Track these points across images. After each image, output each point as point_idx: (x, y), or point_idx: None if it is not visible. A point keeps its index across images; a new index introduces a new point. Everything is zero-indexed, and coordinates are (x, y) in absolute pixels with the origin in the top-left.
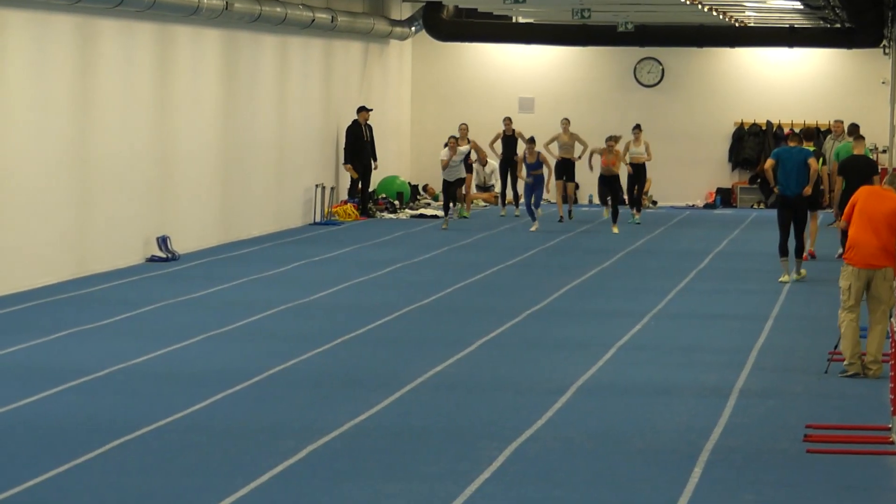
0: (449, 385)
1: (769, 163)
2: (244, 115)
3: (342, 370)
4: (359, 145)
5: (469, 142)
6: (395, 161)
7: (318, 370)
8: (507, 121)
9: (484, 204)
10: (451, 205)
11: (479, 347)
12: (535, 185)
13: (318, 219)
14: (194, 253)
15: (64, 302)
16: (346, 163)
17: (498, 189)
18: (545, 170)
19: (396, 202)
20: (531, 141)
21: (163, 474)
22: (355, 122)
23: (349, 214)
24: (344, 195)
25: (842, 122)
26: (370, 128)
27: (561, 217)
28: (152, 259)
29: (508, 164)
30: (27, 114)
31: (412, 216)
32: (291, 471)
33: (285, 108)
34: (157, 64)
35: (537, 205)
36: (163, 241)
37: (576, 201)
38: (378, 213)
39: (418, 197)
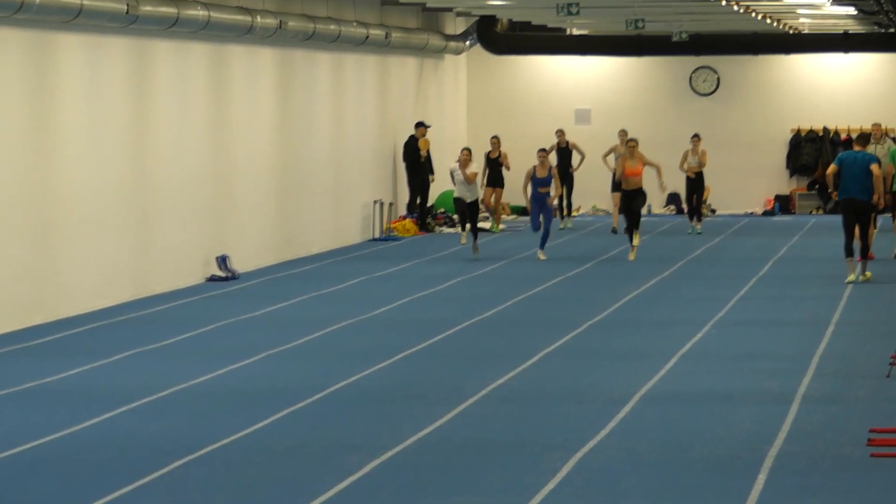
0: (512, 397)
1: (832, 168)
2: (300, 132)
3: (404, 385)
4: (415, 160)
5: (500, 153)
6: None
7: (380, 386)
8: (560, 133)
9: None
10: (470, 228)
11: (541, 359)
12: (543, 205)
13: (376, 235)
14: (254, 272)
15: (124, 324)
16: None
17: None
18: (553, 189)
19: (455, 217)
20: (543, 151)
21: (226, 494)
22: (412, 137)
23: (408, 230)
24: (402, 211)
25: (880, 125)
26: (428, 144)
27: (614, 229)
28: (212, 279)
29: (564, 176)
30: (83, 137)
31: (491, 229)
32: (355, 487)
33: (341, 124)
34: (212, 84)
35: (546, 231)
36: (222, 261)
37: None
38: (437, 227)
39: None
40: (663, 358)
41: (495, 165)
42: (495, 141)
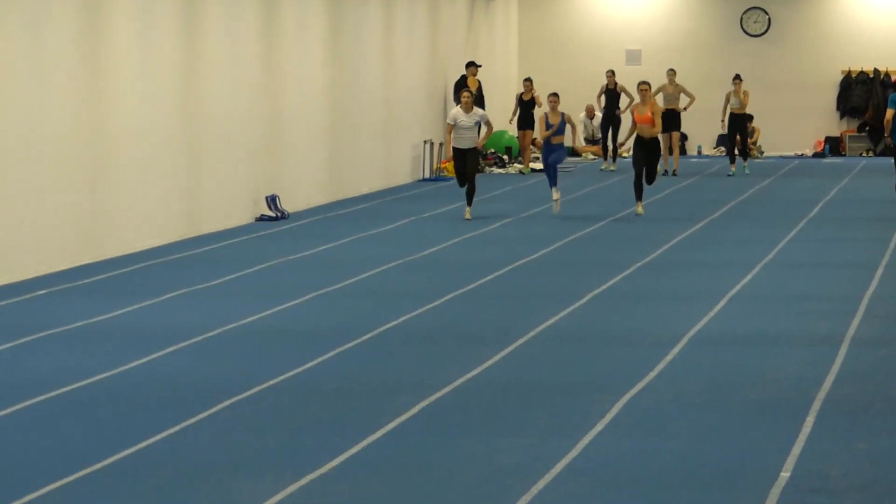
0: (560, 339)
1: (890, 112)
2: (351, 72)
3: (453, 326)
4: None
5: (533, 96)
6: (503, 116)
7: (428, 326)
8: (611, 74)
9: (593, 157)
10: (470, 196)
11: (590, 300)
12: (557, 151)
13: (426, 175)
14: (304, 212)
15: (174, 263)
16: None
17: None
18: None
19: (505, 157)
20: (554, 95)
21: (275, 433)
22: (462, 76)
23: None
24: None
25: None
26: (479, 83)
27: (666, 171)
28: (262, 218)
29: (611, 119)
30: (134, 78)
31: (521, 171)
32: (404, 427)
33: (392, 64)
34: (263, 23)
35: (555, 164)
36: (272, 201)
37: (683, 152)
38: (487, 168)
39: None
40: (712, 299)
41: (527, 107)
42: (528, 84)
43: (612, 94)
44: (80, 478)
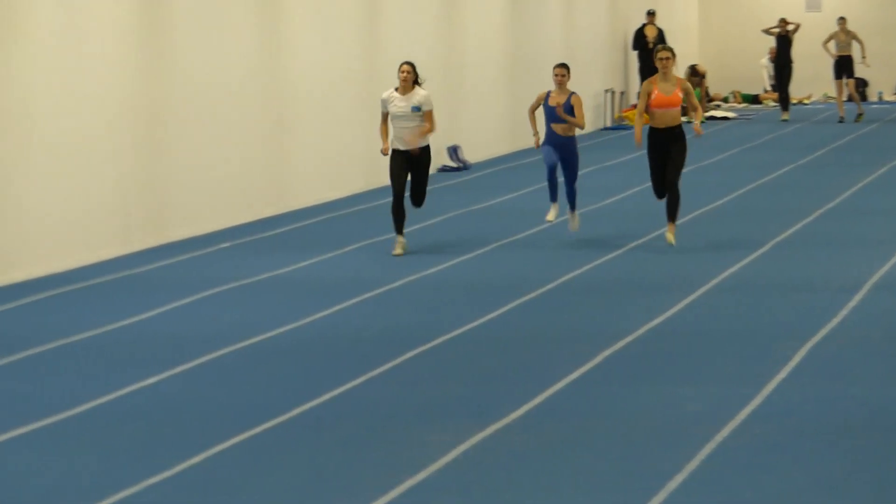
0: (742, 286)
1: None
2: (531, 22)
3: (635, 275)
4: (644, 48)
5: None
6: (683, 62)
7: (610, 276)
8: (783, 21)
9: (774, 104)
10: (401, 211)
11: (772, 248)
12: (563, 151)
13: (608, 124)
14: (485, 162)
15: (355, 215)
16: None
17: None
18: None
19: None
20: (561, 66)
21: (457, 383)
22: (643, 25)
23: None
24: (633, 99)
25: None
26: (660, 30)
27: (841, 118)
28: (444, 169)
29: (784, 66)
30: (315, 32)
31: (704, 118)
32: (587, 376)
33: (572, 14)
34: None
35: (571, 193)
36: (453, 151)
37: (864, 98)
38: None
39: (710, 100)
40: (894, 246)
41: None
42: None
43: (783, 40)
44: (268, 429)
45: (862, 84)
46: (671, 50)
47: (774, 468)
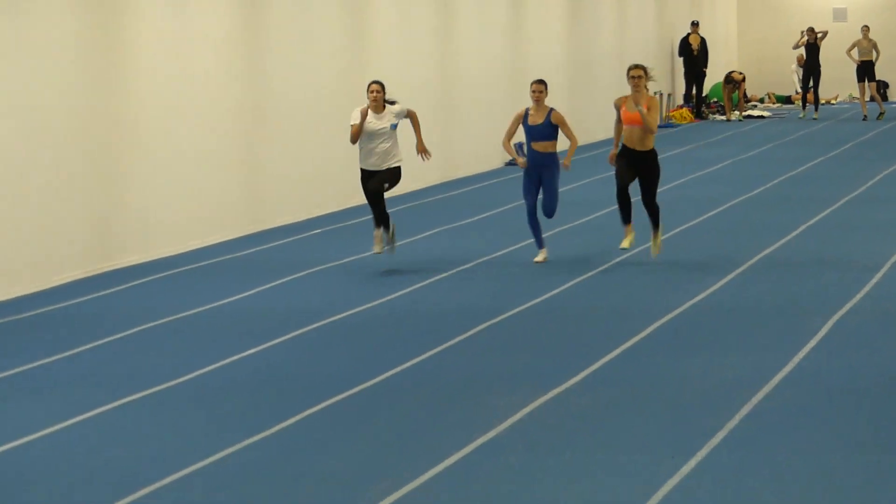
0: (777, 266)
1: None
2: (588, 32)
3: (682, 255)
4: (689, 55)
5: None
6: (724, 68)
7: (662, 258)
8: (810, 30)
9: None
10: (385, 223)
11: (803, 231)
12: (543, 174)
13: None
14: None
15: (433, 204)
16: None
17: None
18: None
19: (727, 105)
20: (539, 83)
21: (523, 354)
22: (687, 34)
23: (684, 118)
24: (679, 100)
25: None
26: (702, 39)
27: (865, 116)
28: (511, 163)
29: (811, 71)
30: (395, 41)
31: (742, 117)
32: (638, 347)
33: (624, 23)
34: None
35: (549, 211)
36: (519, 147)
37: (885, 98)
38: (710, 115)
39: (747, 100)
40: None
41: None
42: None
43: (812, 47)
44: (354, 394)
45: (883, 86)
46: (644, 68)
47: (804, 427)
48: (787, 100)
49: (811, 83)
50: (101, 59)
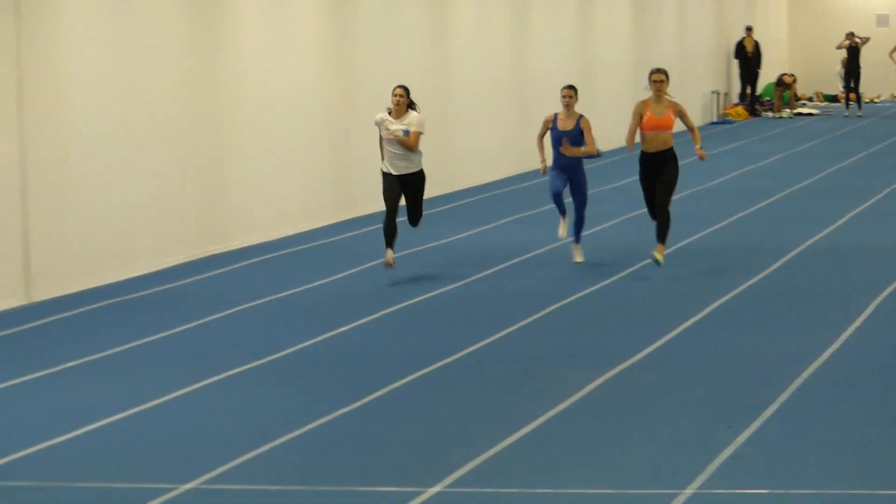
0: (825, 252)
1: None
2: (650, 35)
3: (737, 242)
4: (744, 56)
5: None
6: (776, 68)
7: (719, 243)
8: (851, 35)
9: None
10: (394, 237)
11: (849, 220)
12: (571, 173)
13: (714, 119)
14: (615, 150)
15: (507, 195)
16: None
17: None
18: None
19: (778, 103)
20: (569, 88)
21: (591, 332)
22: (742, 38)
23: (739, 115)
24: (734, 99)
25: None
26: (756, 43)
27: None
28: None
29: (852, 72)
30: (474, 40)
31: (793, 115)
32: (697, 326)
33: (685, 27)
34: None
35: (578, 221)
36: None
37: None
38: (763, 112)
39: (797, 99)
40: None
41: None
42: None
43: (853, 51)
44: (436, 369)
45: None
46: (665, 72)
47: (851, 399)
48: (833, 98)
49: (852, 83)
50: (206, 58)
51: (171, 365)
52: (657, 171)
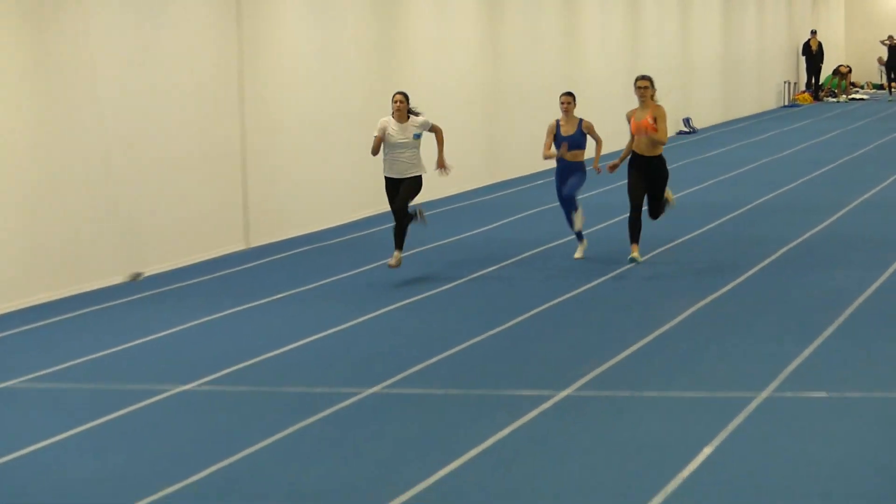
0: (874, 206)
1: None
2: (739, 33)
3: (803, 201)
4: (810, 54)
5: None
6: (835, 62)
7: (784, 202)
8: (891, 37)
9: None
10: (404, 237)
11: (894, 181)
12: (572, 173)
13: (785, 103)
14: (708, 128)
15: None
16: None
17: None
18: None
19: (837, 91)
20: (567, 95)
21: (684, 273)
22: (808, 40)
23: (806, 100)
24: (802, 87)
25: None
26: (819, 43)
27: None
28: (680, 133)
29: (892, 68)
30: (525, 43)
31: (847, 100)
32: (771, 266)
33: (763, 27)
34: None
35: (570, 195)
36: (686, 121)
37: None
38: (824, 98)
39: (853, 85)
40: None
41: (893, 52)
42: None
43: (893, 50)
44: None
45: None
46: (650, 79)
47: (895, 324)
48: (880, 87)
49: (893, 75)
50: (385, 57)
51: (359, 296)
52: (646, 171)
